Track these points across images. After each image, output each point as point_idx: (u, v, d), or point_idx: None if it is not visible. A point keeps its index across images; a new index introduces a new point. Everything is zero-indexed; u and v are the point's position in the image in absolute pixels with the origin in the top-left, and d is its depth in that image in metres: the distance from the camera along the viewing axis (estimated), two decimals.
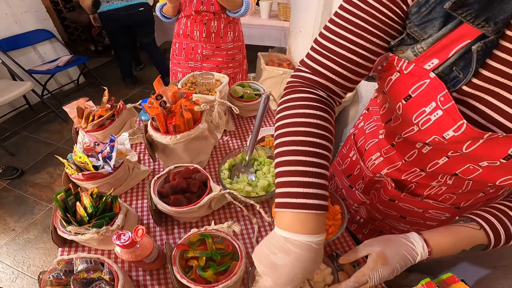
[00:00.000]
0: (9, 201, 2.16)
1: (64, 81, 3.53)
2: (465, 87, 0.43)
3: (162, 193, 0.79)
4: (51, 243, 1.85)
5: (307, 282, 0.61)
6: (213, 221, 0.76)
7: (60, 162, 0.80)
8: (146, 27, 3.22)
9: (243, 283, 0.69)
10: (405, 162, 0.64)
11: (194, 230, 0.69)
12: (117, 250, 0.62)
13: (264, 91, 1.24)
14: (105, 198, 0.71)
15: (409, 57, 0.47)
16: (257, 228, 0.81)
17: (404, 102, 0.49)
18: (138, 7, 2.96)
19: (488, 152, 0.45)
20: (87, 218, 0.67)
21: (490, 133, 0.41)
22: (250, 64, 2.01)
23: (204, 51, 1.68)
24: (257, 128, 0.82)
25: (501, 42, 0.39)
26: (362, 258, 0.61)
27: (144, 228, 0.61)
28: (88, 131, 0.94)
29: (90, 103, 1.00)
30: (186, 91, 0.90)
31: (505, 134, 0.41)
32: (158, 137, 0.83)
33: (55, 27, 3.34)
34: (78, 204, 0.67)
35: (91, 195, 0.70)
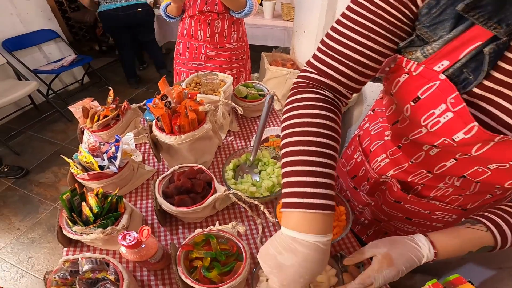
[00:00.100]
0: (14, 200, 2.17)
1: (68, 81, 3.54)
2: (475, 89, 0.42)
3: (166, 193, 0.79)
4: (56, 242, 1.86)
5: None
6: (217, 221, 0.76)
7: (65, 161, 0.81)
8: (145, 27, 3.24)
9: (247, 283, 0.69)
10: (412, 163, 0.63)
11: (198, 230, 0.70)
12: (122, 250, 0.62)
13: (268, 91, 1.23)
14: (110, 198, 0.71)
15: (418, 59, 0.47)
16: (261, 229, 0.81)
17: (413, 104, 0.48)
18: (136, 7, 2.97)
19: (498, 154, 0.45)
20: (93, 218, 0.68)
21: (501, 135, 0.41)
22: (254, 64, 2.01)
23: (208, 51, 1.68)
24: (262, 129, 0.82)
25: None
26: (367, 260, 0.60)
27: (149, 229, 0.61)
28: (93, 131, 0.94)
29: (95, 103, 1.01)
30: (191, 91, 0.90)
31: None
32: (163, 137, 0.84)
33: (60, 27, 3.35)
34: (84, 204, 0.67)
35: (96, 195, 0.70)
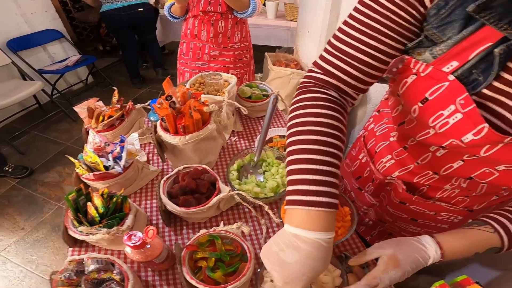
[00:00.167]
0: (18, 200, 2.18)
1: (73, 81, 3.56)
2: (485, 90, 0.42)
3: (171, 194, 0.79)
4: (60, 242, 1.88)
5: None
6: (221, 222, 0.76)
7: (69, 161, 0.81)
8: (147, 26, 3.26)
9: (251, 284, 0.69)
10: (418, 165, 0.63)
11: (203, 231, 0.70)
12: (127, 250, 0.63)
13: (272, 91, 1.23)
14: (116, 198, 0.71)
15: (427, 60, 0.46)
16: (265, 229, 0.81)
17: (421, 105, 0.48)
18: (137, 7, 2.98)
19: (507, 156, 0.44)
20: (98, 219, 0.68)
21: (511, 137, 0.40)
22: (257, 64, 2.00)
23: (211, 51, 1.68)
24: (266, 129, 0.81)
25: None
26: (371, 261, 0.60)
27: (154, 229, 0.61)
28: (98, 131, 0.94)
29: (100, 103, 1.01)
30: (195, 91, 0.90)
31: None
32: (168, 137, 0.84)
33: (64, 27, 3.37)
34: (90, 205, 0.68)
35: (101, 195, 0.70)
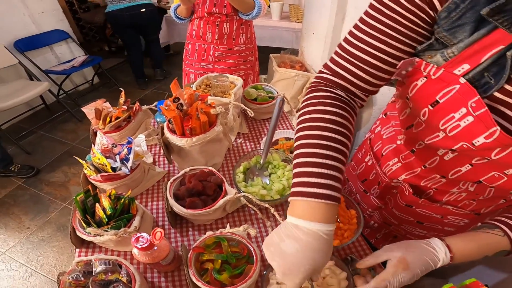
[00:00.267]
0: (24, 199, 2.20)
1: (79, 81, 3.58)
2: (496, 93, 0.42)
3: (178, 196, 0.79)
4: (65, 241, 1.89)
5: (310, 283, 0.58)
6: (228, 224, 0.76)
7: (75, 161, 0.82)
8: (150, 27, 3.29)
9: (257, 286, 0.69)
10: (425, 168, 0.63)
11: (209, 233, 0.70)
12: (134, 251, 0.63)
13: (278, 94, 1.23)
14: (123, 199, 0.71)
15: (438, 62, 0.46)
16: (271, 232, 0.81)
17: (431, 108, 0.48)
18: (140, 8, 3.01)
19: None
20: (106, 220, 0.68)
21: None
22: (261, 65, 2.00)
23: (216, 52, 1.68)
24: (272, 131, 0.82)
25: None
26: (377, 264, 0.60)
27: (162, 231, 0.61)
28: (106, 132, 0.95)
29: (107, 104, 1.02)
30: (201, 93, 0.90)
31: None
32: (174, 139, 0.84)
33: (71, 28, 3.39)
34: (98, 206, 0.68)
35: (109, 196, 0.70)
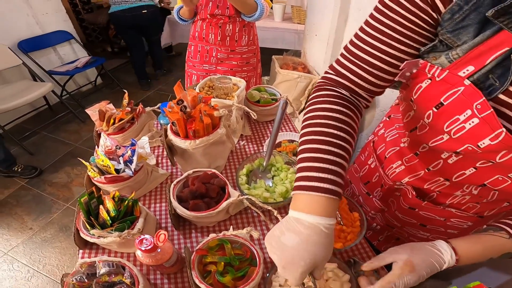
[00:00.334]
0: (27, 199, 2.21)
1: (82, 82, 3.60)
2: (501, 96, 0.42)
3: (181, 198, 0.79)
4: (67, 242, 1.90)
5: (313, 281, 0.56)
6: (231, 226, 0.76)
7: (78, 162, 0.83)
8: (151, 28, 3.32)
9: None
10: (429, 171, 0.63)
11: (212, 235, 0.70)
12: (138, 253, 0.63)
13: (281, 96, 1.23)
14: (127, 201, 0.72)
15: (443, 64, 0.47)
16: None
17: (435, 110, 0.48)
18: (142, 9, 3.04)
19: None
20: (110, 222, 0.69)
21: None
22: (263, 67, 2.01)
23: (218, 54, 1.69)
24: (275, 134, 0.82)
25: None
26: (381, 267, 0.60)
27: (166, 233, 0.61)
28: (109, 134, 0.95)
29: (111, 106, 1.02)
30: (204, 95, 0.90)
31: None
32: (178, 141, 0.84)
33: (74, 29, 3.41)
34: (102, 208, 0.68)
35: (113, 198, 0.71)
